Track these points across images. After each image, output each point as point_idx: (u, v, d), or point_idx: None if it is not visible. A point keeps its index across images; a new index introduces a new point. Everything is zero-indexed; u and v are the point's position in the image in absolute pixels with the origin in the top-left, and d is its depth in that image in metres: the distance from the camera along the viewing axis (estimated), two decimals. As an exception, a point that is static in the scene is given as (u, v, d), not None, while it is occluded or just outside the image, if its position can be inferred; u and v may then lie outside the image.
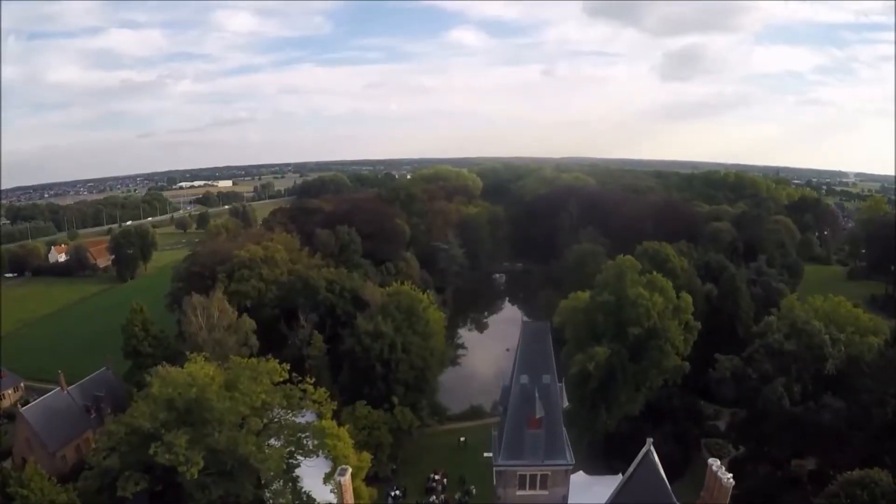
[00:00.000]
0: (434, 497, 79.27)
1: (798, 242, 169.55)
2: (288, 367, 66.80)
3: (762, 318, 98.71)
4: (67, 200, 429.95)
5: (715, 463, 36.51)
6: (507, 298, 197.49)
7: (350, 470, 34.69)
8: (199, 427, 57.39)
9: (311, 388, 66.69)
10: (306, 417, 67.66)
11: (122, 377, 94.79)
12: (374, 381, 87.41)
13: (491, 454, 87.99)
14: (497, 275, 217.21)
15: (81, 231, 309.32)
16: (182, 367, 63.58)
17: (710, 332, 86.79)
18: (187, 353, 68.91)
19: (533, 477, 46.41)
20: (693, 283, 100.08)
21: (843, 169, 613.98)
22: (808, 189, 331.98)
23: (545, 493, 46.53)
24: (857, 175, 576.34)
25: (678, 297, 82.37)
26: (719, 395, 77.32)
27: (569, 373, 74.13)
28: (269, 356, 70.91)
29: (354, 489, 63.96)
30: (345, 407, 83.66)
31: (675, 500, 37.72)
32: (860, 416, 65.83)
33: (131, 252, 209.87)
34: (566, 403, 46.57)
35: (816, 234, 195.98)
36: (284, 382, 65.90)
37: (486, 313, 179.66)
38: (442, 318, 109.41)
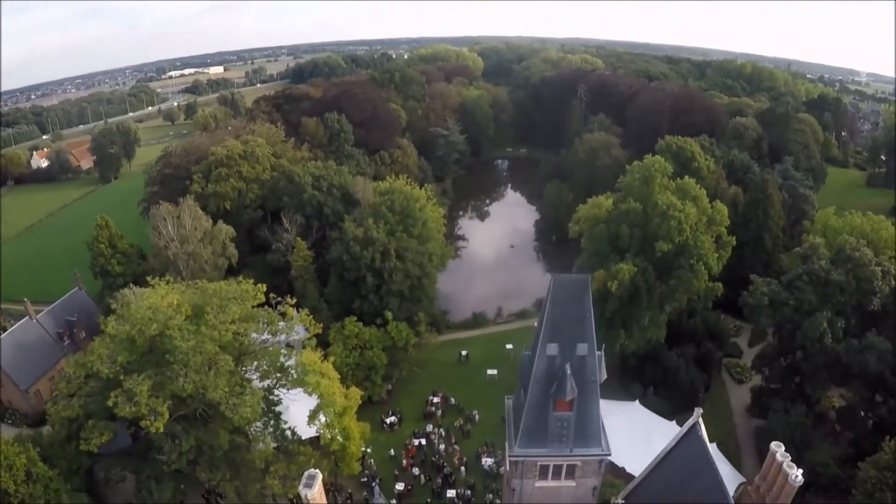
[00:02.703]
0: (433, 426, 73.46)
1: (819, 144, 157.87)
2: (264, 289, 58.21)
3: (790, 228, 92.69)
4: (53, 101, 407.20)
5: (779, 449, 27.86)
6: (510, 185, 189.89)
7: (320, 477, 26.82)
8: (163, 369, 49.70)
9: (291, 310, 58.79)
10: (295, 335, 60.22)
11: (96, 296, 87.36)
12: (365, 294, 79.26)
13: (495, 372, 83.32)
14: (499, 161, 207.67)
15: (66, 131, 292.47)
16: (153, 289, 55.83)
17: (736, 244, 77.24)
18: (148, 279, 60.17)
19: (558, 466, 37.87)
20: (720, 186, 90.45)
21: (856, 67, 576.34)
22: (824, 86, 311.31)
23: (571, 483, 38.12)
24: (870, 75, 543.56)
25: (711, 207, 71.85)
26: (756, 326, 69.30)
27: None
28: (241, 277, 62.80)
29: (344, 429, 58.04)
30: (333, 324, 76.53)
31: (724, 484, 29.36)
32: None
33: (113, 151, 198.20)
34: (605, 376, 36.50)
35: (834, 135, 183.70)
36: (263, 305, 57.93)
37: (487, 201, 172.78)
38: (441, 216, 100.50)
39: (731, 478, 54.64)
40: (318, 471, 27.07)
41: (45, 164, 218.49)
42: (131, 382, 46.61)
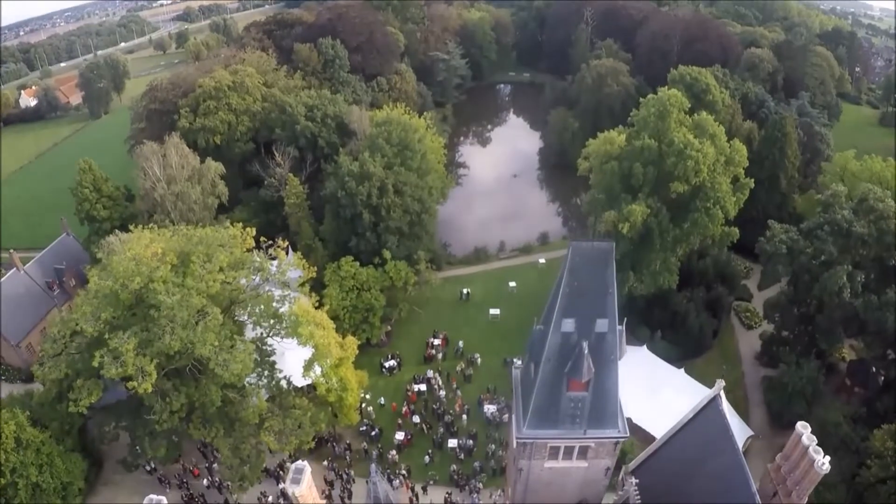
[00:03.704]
0: (433, 372, 71.44)
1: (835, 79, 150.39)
2: (254, 232, 55.18)
3: (804, 168, 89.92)
4: (41, 36, 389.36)
5: (805, 431, 24.87)
6: (513, 111, 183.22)
7: (309, 471, 24.46)
8: (149, 324, 47.09)
9: (282, 254, 55.71)
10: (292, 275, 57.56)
11: (84, 242, 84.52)
12: (361, 232, 75.45)
13: (497, 311, 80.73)
14: (501, 85, 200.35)
15: (55, 67, 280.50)
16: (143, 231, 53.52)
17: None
18: (131, 227, 57.18)
19: (570, 447, 34.78)
20: (735, 122, 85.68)
21: (868, 1, 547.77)
22: (837, 18, 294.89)
23: (583, 464, 35.19)
24: (882, 10, 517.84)
25: (729, 146, 66.62)
26: (771, 272, 65.81)
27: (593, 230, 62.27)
28: (229, 220, 59.65)
29: (341, 379, 56.01)
30: (329, 264, 73.71)
31: (747, 471, 26.54)
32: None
33: (102, 85, 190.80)
34: (626, 352, 32.66)
35: (848, 70, 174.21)
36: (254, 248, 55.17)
37: (489, 127, 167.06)
38: (441, 146, 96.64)
39: (739, 431, 52.84)
40: (306, 463, 24.74)
41: (33, 102, 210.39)
42: (117, 341, 44.26)
